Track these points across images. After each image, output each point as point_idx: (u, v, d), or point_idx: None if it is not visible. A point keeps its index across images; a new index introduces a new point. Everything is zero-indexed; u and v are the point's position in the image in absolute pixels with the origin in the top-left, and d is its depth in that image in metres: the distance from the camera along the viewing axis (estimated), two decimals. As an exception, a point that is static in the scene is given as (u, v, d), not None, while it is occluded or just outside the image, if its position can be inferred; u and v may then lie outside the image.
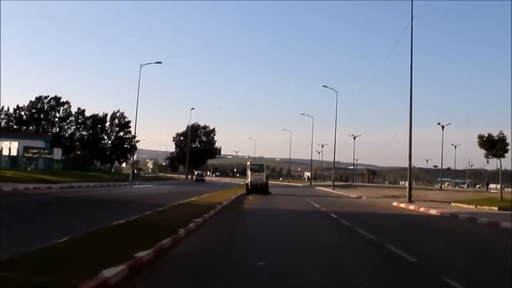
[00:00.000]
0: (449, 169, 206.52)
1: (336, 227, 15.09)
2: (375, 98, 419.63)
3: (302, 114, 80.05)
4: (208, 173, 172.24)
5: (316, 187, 65.59)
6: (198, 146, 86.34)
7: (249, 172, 39.21)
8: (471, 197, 35.27)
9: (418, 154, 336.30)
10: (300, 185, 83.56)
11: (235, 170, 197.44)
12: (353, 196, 39.88)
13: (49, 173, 43.70)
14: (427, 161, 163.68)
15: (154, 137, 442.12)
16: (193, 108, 75.61)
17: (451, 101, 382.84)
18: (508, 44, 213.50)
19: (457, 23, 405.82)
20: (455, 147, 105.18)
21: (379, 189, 63.11)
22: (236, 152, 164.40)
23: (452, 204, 27.80)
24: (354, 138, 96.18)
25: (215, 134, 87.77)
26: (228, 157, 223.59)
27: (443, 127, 70.05)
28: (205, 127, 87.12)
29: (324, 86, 55.65)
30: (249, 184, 38.01)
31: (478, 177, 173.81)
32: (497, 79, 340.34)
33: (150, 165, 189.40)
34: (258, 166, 40.81)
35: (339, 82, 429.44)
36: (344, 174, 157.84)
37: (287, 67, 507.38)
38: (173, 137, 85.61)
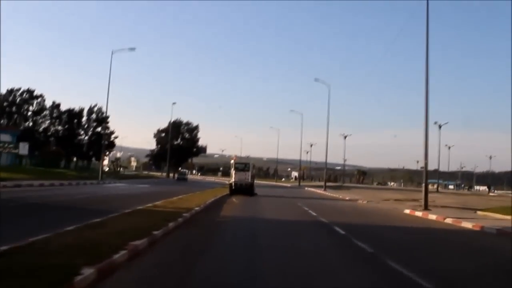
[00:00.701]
0: (436, 170, 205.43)
1: (354, 256, 9.66)
2: (362, 100, 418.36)
3: (292, 110, 74.27)
4: (194, 171, 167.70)
5: (306, 188, 61.54)
6: (181, 143, 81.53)
7: (233, 171, 34.91)
8: (486, 203, 31.24)
9: (407, 155, 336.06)
10: (288, 185, 79.49)
11: (221, 169, 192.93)
12: (350, 199, 35.76)
13: (9, 169, 38.99)
14: (417, 162, 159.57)
15: (140, 134, 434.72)
16: (174, 103, 70.72)
17: (444, 102, 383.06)
18: (508, 43, 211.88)
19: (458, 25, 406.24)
20: (449, 148, 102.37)
21: (373, 190, 59.24)
22: (222, 151, 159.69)
23: (479, 213, 22.48)
24: (345, 137, 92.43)
25: (198, 131, 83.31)
26: (215, 156, 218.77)
27: (440, 126, 66.49)
28: (188, 123, 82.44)
29: (316, 79, 51.37)
30: (233, 184, 34.33)
31: (466, 178, 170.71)
32: (495, 81, 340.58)
33: (134, 163, 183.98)
34: (243, 165, 36.00)
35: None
36: (333, 174, 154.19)
37: (275, 65, 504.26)
38: (154, 134, 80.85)
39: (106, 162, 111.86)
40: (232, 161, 37.74)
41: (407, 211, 22.98)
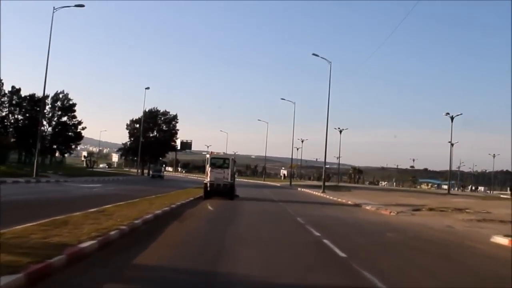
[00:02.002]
0: (426, 170, 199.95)
1: None
2: (350, 98, 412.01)
3: (282, 99, 65.50)
4: (179, 169, 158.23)
5: (299, 189, 53.12)
6: (157, 135, 72.29)
7: (208, 169, 26.97)
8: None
9: (397, 154, 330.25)
10: (278, 184, 70.91)
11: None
12: (367, 207, 26.77)
13: None
14: (413, 160, 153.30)
15: (121, 129, 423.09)
16: (148, 88, 60.50)
17: (442, 103, 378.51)
18: (508, 44, 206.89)
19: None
20: (452, 145, 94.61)
21: (377, 192, 50.90)
22: (208, 147, 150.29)
23: None
24: (341, 131, 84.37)
25: (177, 122, 73.67)
26: (203, 153, 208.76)
27: (452, 118, 58.35)
28: (165, 113, 72.87)
29: (314, 55, 42.72)
30: (208, 184, 26.56)
31: (453, 178, 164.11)
32: (494, 82, 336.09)
33: (116, 158, 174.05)
34: (221, 160, 27.85)
35: (318, 80, 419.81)
36: (325, 173, 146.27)
37: (263, 60, 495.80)
38: (127, 124, 70.85)
39: (84, 156, 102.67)
40: (207, 156, 29.04)
41: (498, 238, 12.85)
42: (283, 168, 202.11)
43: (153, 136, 72.57)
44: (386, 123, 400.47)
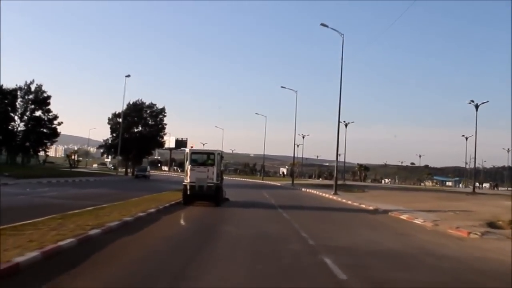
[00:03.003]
0: (427, 166, 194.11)
1: None
2: (351, 94, 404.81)
3: (283, 87, 57.75)
4: (175, 168, 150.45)
5: (303, 189, 45.64)
6: (143, 130, 64.55)
7: (188, 167, 20.89)
8: None
9: (396, 151, 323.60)
10: (278, 184, 63.31)
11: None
12: (403, 215, 19.28)
13: None
14: (420, 156, 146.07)
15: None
16: (128, 76, 52.34)
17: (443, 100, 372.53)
18: (508, 43, 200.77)
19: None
20: (466, 138, 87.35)
21: (396, 192, 43.40)
22: (204, 145, 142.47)
23: None
24: (346, 125, 76.69)
25: (164, 116, 65.74)
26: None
27: (477, 106, 50.82)
28: (151, 106, 64.92)
29: (323, 25, 34.95)
30: (187, 186, 20.59)
31: (456, 175, 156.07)
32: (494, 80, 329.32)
33: (106, 159, 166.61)
34: (205, 156, 21.91)
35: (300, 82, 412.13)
36: (327, 171, 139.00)
37: (262, 54, 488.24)
38: (109, 119, 62.74)
39: (75, 156, 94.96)
40: (186, 151, 22.35)
41: None
42: (282, 166, 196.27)
43: (138, 131, 64.79)
44: (385, 119, 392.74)
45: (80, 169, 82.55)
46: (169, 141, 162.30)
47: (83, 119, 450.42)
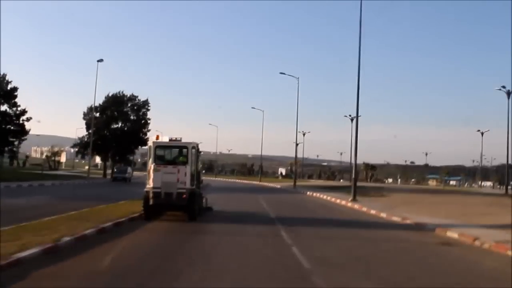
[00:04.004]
0: (426, 165, 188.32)
1: None
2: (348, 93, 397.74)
3: (282, 73, 49.94)
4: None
5: (308, 192, 38.06)
6: (124, 126, 56.68)
7: (151, 166, 15.47)
8: None
9: (395, 150, 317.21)
10: (278, 186, 55.88)
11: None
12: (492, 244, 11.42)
13: None
14: (426, 154, 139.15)
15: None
16: (100, 60, 43.40)
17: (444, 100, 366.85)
18: (508, 43, 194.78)
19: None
20: (482, 134, 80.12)
21: (419, 195, 35.79)
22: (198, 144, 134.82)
23: None
24: (352, 119, 69.02)
25: (148, 109, 57.79)
26: (200, 153, 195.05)
27: (509, 93, 43.28)
28: (132, 98, 56.72)
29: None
30: (150, 194, 15.13)
31: (457, 173, 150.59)
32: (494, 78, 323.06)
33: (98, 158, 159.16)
34: (176, 151, 16.53)
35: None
36: (329, 170, 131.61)
37: (257, 53, 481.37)
38: (84, 113, 54.65)
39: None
40: (149, 144, 16.29)
41: None
42: (281, 167, 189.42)
43: (118, 127, 56.88)
44: (384, 118, 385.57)
45: (60, 171, 75.08)
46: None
47: (71, 119, 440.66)
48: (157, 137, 16.24)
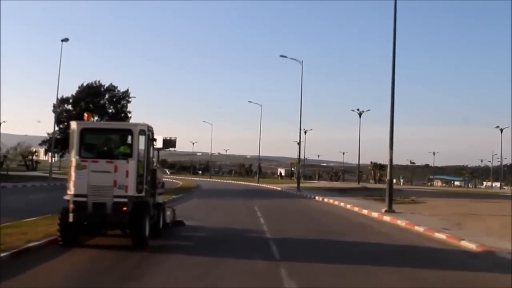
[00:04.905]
0: (427, 165, 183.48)
1: None
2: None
3: (283, 56, 41.83)
4: (167, 171, 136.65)
5: (317, 197, 30.33)
6: (100, 121, 49.20)
7: (73, 161, 9.47)
8: None
9: (395, 150, 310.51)
10: (278, 188, 48.38)
11: (197, 167, 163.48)
12: None
13: None
14: (434, 154, 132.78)
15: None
16: (65, 40, 36.02)
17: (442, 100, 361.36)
18: (508, 43, 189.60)
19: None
20: (502, 130, 73.23)
21: (455, 200, 28.34)
22: (193, 144, 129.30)
23: None
24: (360, 114, 62.25)
25: (129, 101, 50.40)
26: (198, 154, 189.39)
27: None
28: (111, 88, 49.40)
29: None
30: (72, 205, 9.27)
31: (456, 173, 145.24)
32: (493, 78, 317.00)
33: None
34: (113, 137, 10.75)
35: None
36: (332, 171, 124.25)
37: (256, 50, 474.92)
38: (54, 105, 46.07)
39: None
40: (73, 127, 10.01)
41: None
42: (280, 167, 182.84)
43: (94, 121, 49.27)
44: (382, 118, 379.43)
45: (38, 172, 67.57)
46: (156, 141, 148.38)
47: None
48: (87, 117, 10.76)
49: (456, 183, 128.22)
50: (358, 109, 65.61)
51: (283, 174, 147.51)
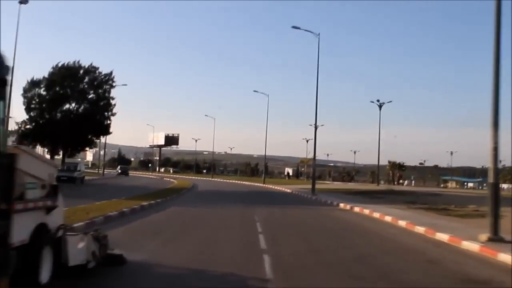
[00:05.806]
0: (436, 166, 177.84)
1: None
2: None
3: (295, 27, 34.20)
4: (170, 169, 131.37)
5: (341, 205, 22.70)
6: (79, 107, 41.23)
7: None
8: None
9: (395, 150, 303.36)
10: (287, 190, 41.05)
11: (201, 166, 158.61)
12: None
13: None
14: (451, 153, 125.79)
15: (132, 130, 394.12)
16: (24, 1, 29.62)
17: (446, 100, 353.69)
18: (508, 43, 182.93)
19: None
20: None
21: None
22: (196, 141, 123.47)
23: None
24: (380, 106, 55.03)
25: (113, 86, 43.02)
26: (205, 152, 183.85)
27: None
28: (91, 70, 42.02)
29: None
30: None
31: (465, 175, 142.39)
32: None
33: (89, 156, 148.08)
34: None
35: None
36: (343, 171, 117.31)
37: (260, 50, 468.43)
38: (24, 89, 39.39)
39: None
40: None
41: None
42: (287, 167, 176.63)
43: (71, 109, 41.63)
44: (385, 119, 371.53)
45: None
46: (158, 138, 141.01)
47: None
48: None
49: (470, 184, 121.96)
50: (378, 100, 58.19)
51: (290, 174, 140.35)
